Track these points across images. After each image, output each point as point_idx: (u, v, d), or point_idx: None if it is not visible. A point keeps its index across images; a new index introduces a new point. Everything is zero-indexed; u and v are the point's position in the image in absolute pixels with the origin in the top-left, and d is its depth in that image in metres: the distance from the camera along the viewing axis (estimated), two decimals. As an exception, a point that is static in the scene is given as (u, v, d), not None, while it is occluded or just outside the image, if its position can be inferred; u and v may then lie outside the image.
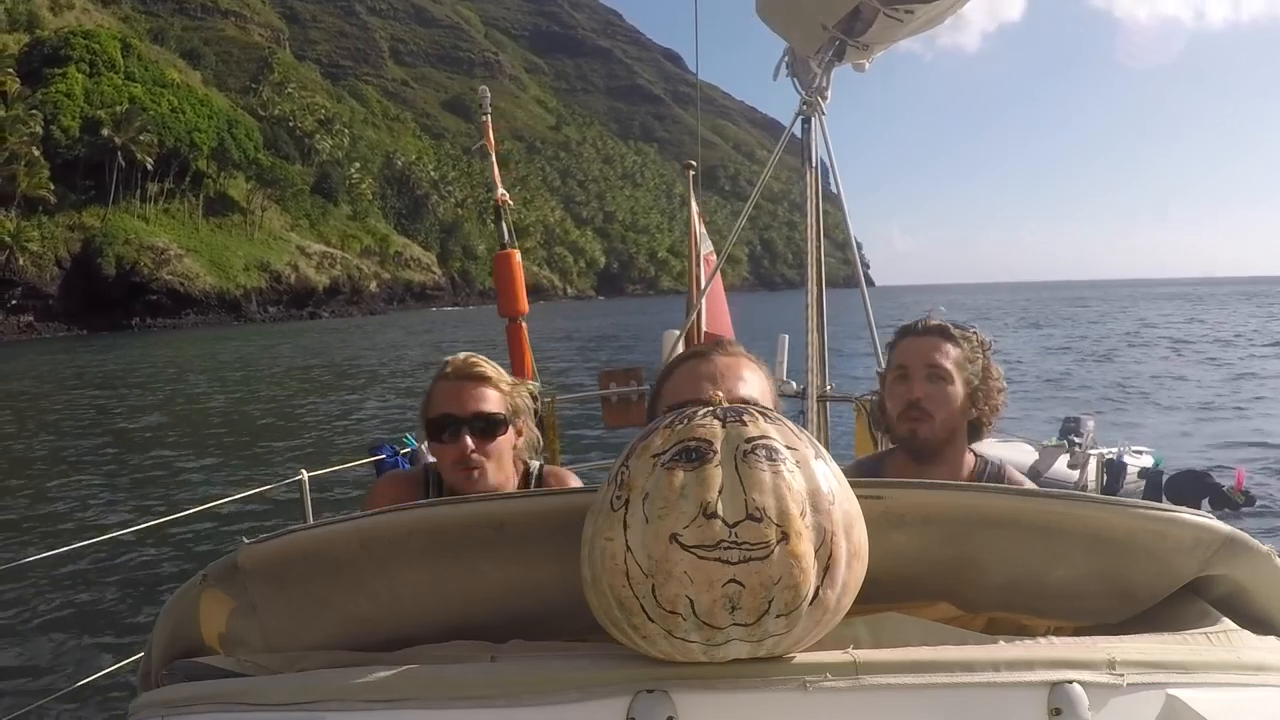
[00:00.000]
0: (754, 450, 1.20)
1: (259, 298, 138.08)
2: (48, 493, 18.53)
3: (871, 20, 4.93)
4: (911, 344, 3.04)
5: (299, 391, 38.79)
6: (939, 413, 2.94)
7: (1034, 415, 17.48)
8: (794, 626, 1.17)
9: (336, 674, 1.30)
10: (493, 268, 6.35)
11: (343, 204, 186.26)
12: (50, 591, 11.27)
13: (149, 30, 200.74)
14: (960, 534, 1.44)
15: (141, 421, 30.73)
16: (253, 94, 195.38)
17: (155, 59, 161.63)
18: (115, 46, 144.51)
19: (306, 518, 5.19)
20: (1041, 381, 32.86)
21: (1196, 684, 1.31)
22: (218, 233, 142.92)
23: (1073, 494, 1.52)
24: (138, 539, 12.09)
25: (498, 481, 2.97)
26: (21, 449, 25.16)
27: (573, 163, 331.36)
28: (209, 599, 1.49)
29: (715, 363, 1.99)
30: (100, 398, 38.69)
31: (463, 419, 2.91)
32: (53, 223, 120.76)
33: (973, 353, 3.03)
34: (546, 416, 5.89)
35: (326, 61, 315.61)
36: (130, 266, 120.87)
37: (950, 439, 3.02)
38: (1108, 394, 29.33)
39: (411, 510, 1.46)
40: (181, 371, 51.64)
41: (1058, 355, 44.93)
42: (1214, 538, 1.45)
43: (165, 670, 1.53)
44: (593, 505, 1.28)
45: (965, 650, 1.28)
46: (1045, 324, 75.84)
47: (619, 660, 1.25)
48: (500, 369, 3.10)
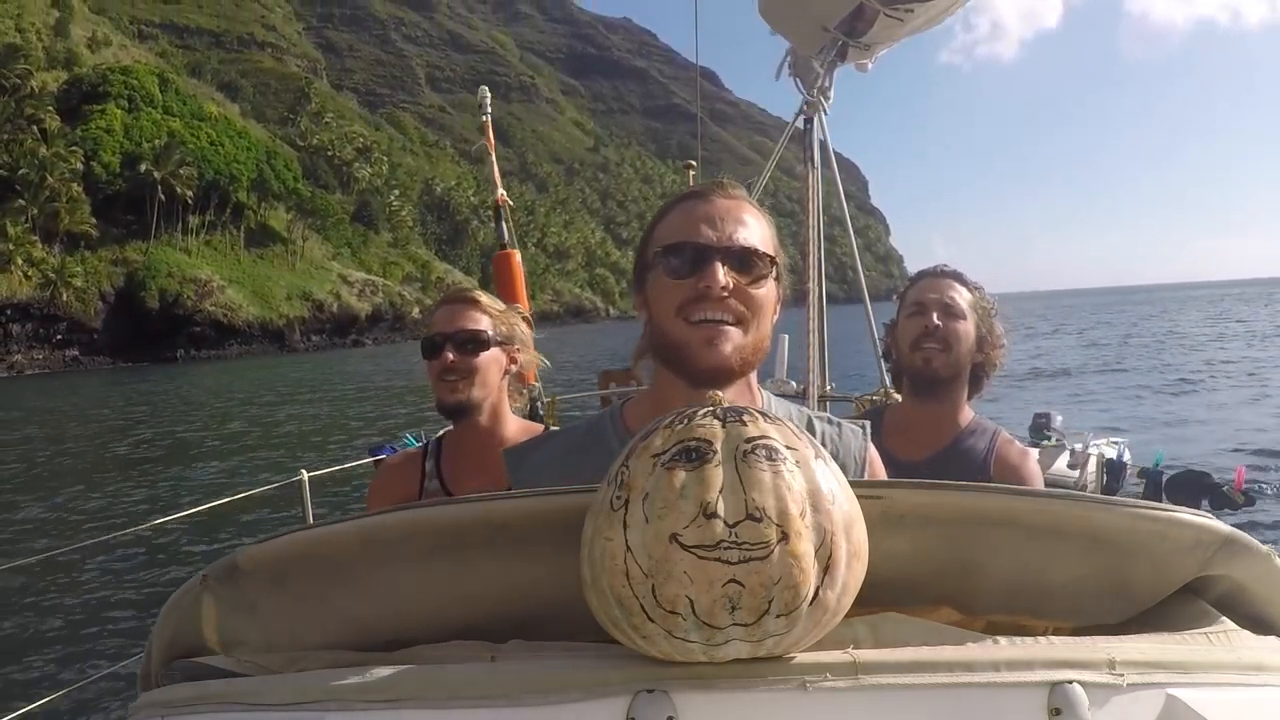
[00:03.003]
0: (754, 450, 1.20)
1: (302, 327, 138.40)
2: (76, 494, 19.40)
3: (873, 20, 5.02)
4: (929, 283, 3.18)
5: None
6: (954, 345, 3.06)
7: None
8: (794, 626, 1.17)
9: (336, 674, 1.30)
10: (492, 269, 6.21)
11: (383, 231, 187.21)
12: (50, 592, 11.37)
13: (186, 64, 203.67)
14: (960, 534, 1.44)
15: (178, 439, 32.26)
16: (291, 125, 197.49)
17: (193, 93, 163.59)
18: (153, 82, 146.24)
19: (306, 518, 5.35)
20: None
21: (1196, 684, 1.31)
22: (259, 263, 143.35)
23: (1073, 494, 1.51)
24: (138, 539, 12.27)
25: (479, 398, 3.15)
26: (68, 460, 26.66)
27: (612, 184, 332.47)
28: (209, 599, 1.48)
29: (715, 204, 1.83)
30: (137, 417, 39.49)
31: (448, 334, 3.14)
32: (95, 258, 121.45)
33: (982, 301, 3.18)
34: (547, 416, 5.91)
35: (364, 90, 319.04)
36: (173, 299, 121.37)
37: (957, 377, 3.13)
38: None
39: (411, 510, 1.46)
40: (217, 396, 53.56)
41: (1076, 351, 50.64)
42: (1214, 538, 1.45)
43: (165, 670, 1.53)
44: (592, 505, 1.28)
45: (965, 650, 1.29)
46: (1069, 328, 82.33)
47: (619, 660, 1.25)
48: (493, 297, 3.36)
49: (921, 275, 3.27)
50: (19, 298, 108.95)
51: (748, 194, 1.91)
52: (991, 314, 3.20)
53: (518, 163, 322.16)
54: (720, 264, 1.75)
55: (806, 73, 5.77)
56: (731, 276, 1.75)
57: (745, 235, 1.80)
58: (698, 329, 1.76)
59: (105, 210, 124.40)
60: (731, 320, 1.76)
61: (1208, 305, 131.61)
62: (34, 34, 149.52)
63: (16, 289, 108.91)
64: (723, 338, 1.75)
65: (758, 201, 1.67)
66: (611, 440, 1.87)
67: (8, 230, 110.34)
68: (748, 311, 1.78)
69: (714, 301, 1.75)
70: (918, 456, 3.13)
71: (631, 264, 1.83)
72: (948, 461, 3.10)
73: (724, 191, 1.87)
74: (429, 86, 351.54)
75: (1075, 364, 43.67)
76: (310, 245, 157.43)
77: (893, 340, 3.29)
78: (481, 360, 3.14)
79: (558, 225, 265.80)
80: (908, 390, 3.26)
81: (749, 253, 1.78)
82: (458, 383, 3.11)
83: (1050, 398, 27.08)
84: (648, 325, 1.89)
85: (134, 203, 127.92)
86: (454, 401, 3.14)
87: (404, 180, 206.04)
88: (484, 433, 3.23)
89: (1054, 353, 51.40)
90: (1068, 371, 40.21)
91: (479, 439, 3.24)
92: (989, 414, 3.30)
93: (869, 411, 3.70)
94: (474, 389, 3.13)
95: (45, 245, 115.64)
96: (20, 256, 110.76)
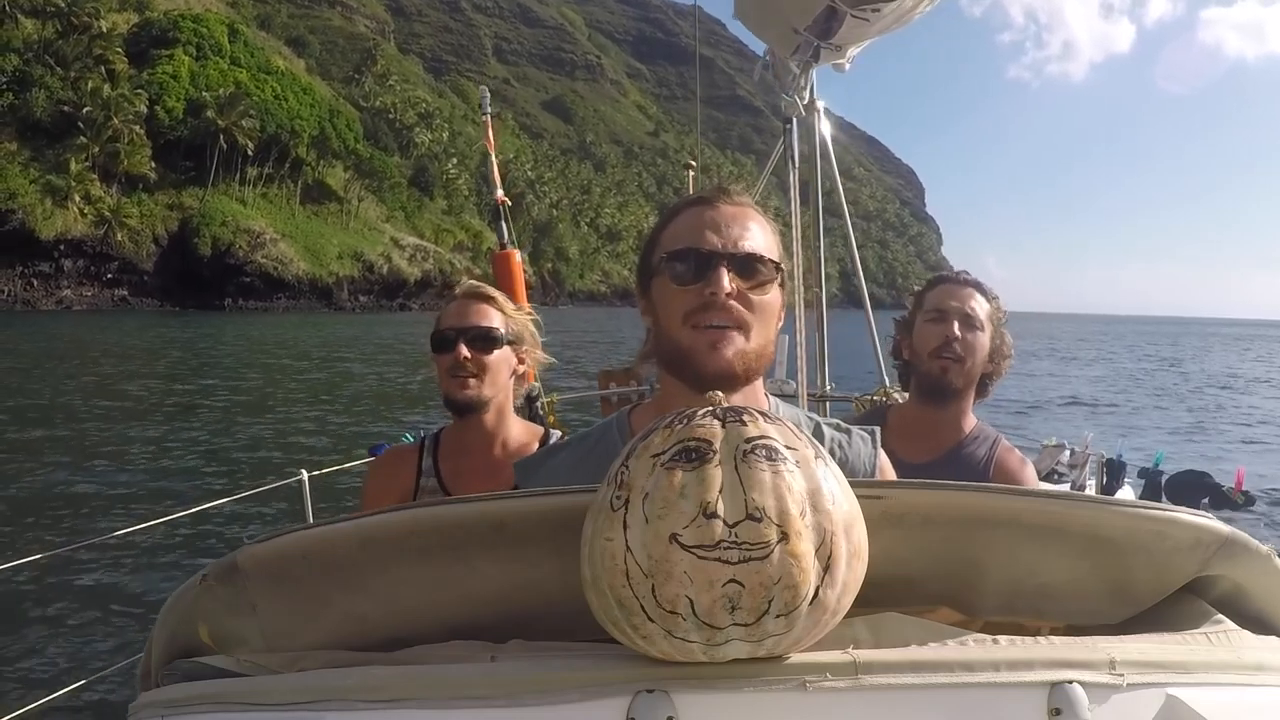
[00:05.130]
0: (754, 450, 1.20)
1: (350, 286, 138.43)
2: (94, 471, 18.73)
3: (842, 21, 5.03)
4: (950, 290, 3.20)
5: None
6: (970, 357, 3.12)
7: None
8: (794, 626, 1.17)
9: (336, 674, 1.31)
10: (493, 267, 6.23)
11: (438, 198, 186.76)
12: (50, 591, 11.32)
13: (256, 16, 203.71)
14: (960, 534, 1.44)
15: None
16: (355, 84, 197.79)
17: (261, 45, 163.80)
18: (223, 31, 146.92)
19: (306, 518, 5.25)
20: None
21: (1196, 684, 1.31)
22: (313, 220, 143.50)
23: (1073, 494, 1.54)
24: (138, 538, 11.91)
25: (488, 395, 3.17)
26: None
27: (669, 170, 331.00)
28: (209, 599, 1.48)
29: (720, 210, 1.84)
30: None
31: (460, 330, 3.16)
32: (152, 200, 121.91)
33: (996, 312, 3.23)
34: (547, 416, 5.84)
35: (430, 56, 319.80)
36: (225, 248, 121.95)
37: (968, 386, 3.18)
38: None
39: (411, 510, 1.46)
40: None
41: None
42: (1213, 538, 1.45)
43: (165, 670, 1.53)
44: (593, 505, 1.28)
45: (965, 650, 1.29)
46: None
47: (619, 660, 1.25)
48: (505, 297, 3.36)
49: (942, 279, 3.28)
50: (73, 234, 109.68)
51: (752, 200, 1.93)
52: (1003, 324, 3.25)
53: (577, 140, 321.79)
54: (725, 269, 1.75)
55: (785, 74, 5.84)
56: (736, 282, 1.76)
57: (750, 241, 1.80)
58: (702, 334, 1.76)
59: (165, 155, 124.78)
60: (735, 326, 1.76)
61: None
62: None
63: (71, 225, 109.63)
64: (726, 342, 1.76)
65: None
66: (619, 448, 1.69)
67: (69, 166, 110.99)
68: (751, 317, 1.78)
69: (719, 309, 1.75)
70: (919, 460, 3.09)
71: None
72: (948, 467, 3.07)
73: (729, 197, 1.87)
74: (495, 58, 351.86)
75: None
76: (365, 206, 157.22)
77: (906, 341, 3.28)
78: (493, 358, 3.16)
79: (612, 206, 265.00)
80: (915, 393, 3.27)
81: (753, 258, 1.79)
82: (468, 379, 3.12)
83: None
84: (652, 331, 1.88)
85: (194, 149, 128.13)
86: (463, 398, 3.14)
87: (463, 149, 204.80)
88: (487, 432, 3.22)
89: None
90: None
91: (482, 438, 3.22)
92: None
93: (871, 411, 3.71)
94: (484, 386, 3.14)
95: (104, 184, 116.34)
96: (78, 194, 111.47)
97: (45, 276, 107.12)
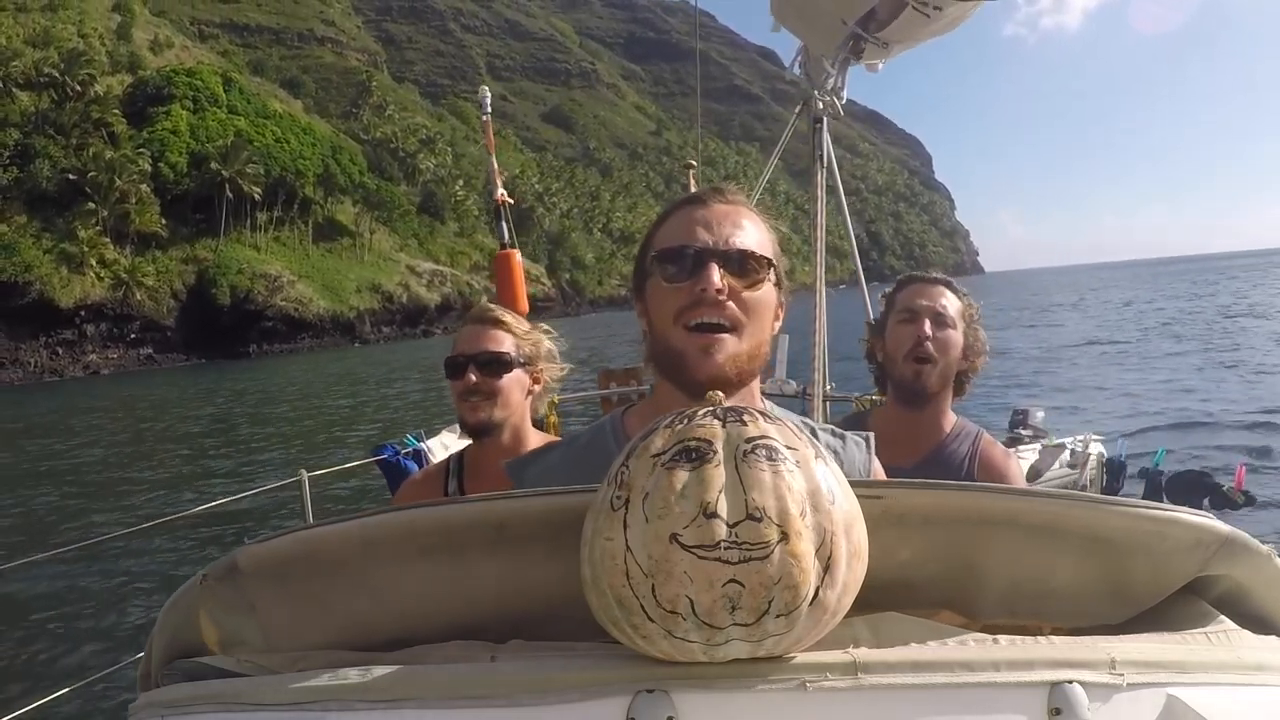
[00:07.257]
0: (754, 450, 1.20)
1: (372, 318, 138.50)
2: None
3: (895, 15, 4.86)
4: (920, 289, 3.20)
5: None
6: (944, 356, 3.10)
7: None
8: (794, 626, 1.17)
9: (336, 674, 1.30)
10: (493, 268, 6.21)
11: (449, 221, 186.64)
12: (50, 592, 11.56)
13: (248, 62, 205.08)
14: (960, 534, 1.44)
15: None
16: (354, 118, 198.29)
17: (256, 91, 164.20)
18: (217, 82, 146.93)
19: (306, 518, 5.29)
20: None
21: (1196, 684, 1.31)
22: (328, 257, 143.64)
23: (1072, 494, 1.51)
24: (138, 539, 12.05)
25: (500, 418, 3.21)
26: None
27: (675, 167, 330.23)
28: (209, 599, 1.48)
29: (712, 209, 1.83)
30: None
31: (470, 355, 3.19)
32: (166, 257, 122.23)
33: (968, 309, 3.22)
34: (547, 416, 5.89)
35: (425, 81, 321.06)
36: (244, 295, 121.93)
37: (945, 386, 3.18)
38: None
39: (411, 510, 1.45)
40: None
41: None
42: (1213, 538, 1.45)
43: (165, 670, 1.52)
44: (593, 505, 1.28)
45: (965, 650, 1.29)
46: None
47: (619, 660, 1.25)
48: (518, 318, 3.35)
49: (911, 280, 3.29)
50: (92, 299, 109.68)
51: (747, 199, 1.91)
52: (976, 321, 3.24)
53: (580, 149, 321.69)
54: (716, 266, 1.73)
55: (818, 72, 5.63)
56: (728, 279, 1.74)
57: (742, 238, 1.79)
58: (695, 336, 1.74)
59: (174, 210, 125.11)
60: (728, 325, 1.74)
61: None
62: (96, 39, 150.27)
63: (90, 290, 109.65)
64: (718, 346, 1.73)
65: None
66: (612, 449, 1.76)
67: (79, 233, 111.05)
68: (745, 316, 1.76)
69: (710, 305, 1.73)
70: (902, 464, 3.05)
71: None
72: (932, 468, 3.06)
73: (721, 196, 1.86)
74: (490, 75, 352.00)
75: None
76: (378, 237, 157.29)
77: (879, 344, 3.28)
78: (504, 382, 3.20)
79: (622, 209, 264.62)
80: (893, 397, 3.28)
81: (745, 255, 1.77)
82: (480, 403, 3.18)
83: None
84: (648, 333, 1.87)
85: (202, 201, 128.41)
86: (475, 422, 3.21)
87: (468, 170, 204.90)
88: (506, 452, 3.20)
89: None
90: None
91: (499, 458, 3.10)
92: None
93: (850, 417, 3.69)
94: (496, 409, 3.19)
95: (117, 246, 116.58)
96: (93, 258, 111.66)
97: (69, 344, 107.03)
